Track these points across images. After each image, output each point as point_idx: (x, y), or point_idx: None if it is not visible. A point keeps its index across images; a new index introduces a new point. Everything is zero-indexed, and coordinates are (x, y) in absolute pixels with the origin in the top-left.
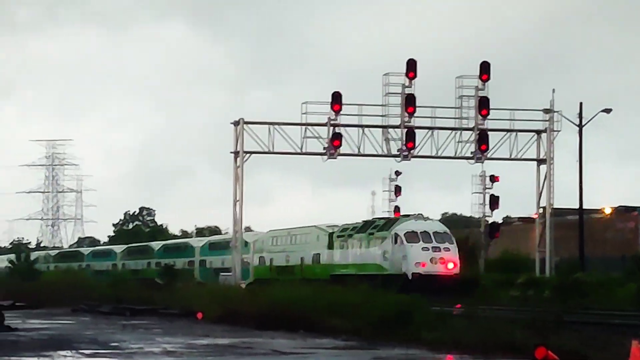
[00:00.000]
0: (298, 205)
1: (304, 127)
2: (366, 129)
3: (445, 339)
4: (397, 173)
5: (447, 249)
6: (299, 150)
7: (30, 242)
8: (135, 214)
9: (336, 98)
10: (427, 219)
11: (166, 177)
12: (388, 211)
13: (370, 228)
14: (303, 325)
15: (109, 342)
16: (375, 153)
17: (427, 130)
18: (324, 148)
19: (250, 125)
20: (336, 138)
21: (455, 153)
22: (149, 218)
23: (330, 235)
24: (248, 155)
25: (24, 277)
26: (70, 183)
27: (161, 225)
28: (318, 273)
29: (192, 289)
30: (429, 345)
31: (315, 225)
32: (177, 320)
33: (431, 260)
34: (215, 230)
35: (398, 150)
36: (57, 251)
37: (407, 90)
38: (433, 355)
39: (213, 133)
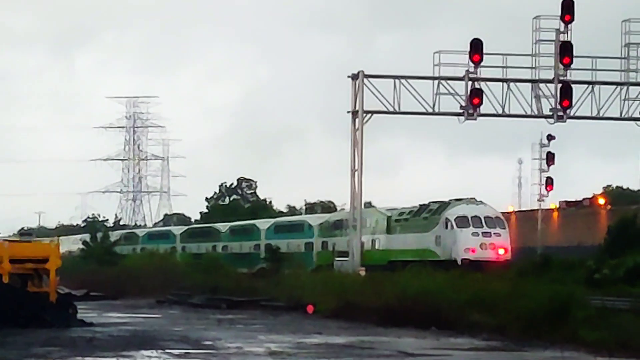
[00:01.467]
0: (429, 176)
1: (436, 81)
2: (512, 84)
3: (608, 340)
4: (550, 137)
5: (498, 234)
6: (430, 110)
7: (107, 220)
8: (233, 186)
9: (476, 46)
10: (479, 203)
11: (270, 141)
12: (539, 183)
13: (424, 212)
14: (435, 321)
15: (202, 340)
16: (522, 113)
17: (586, 86)
18: (461, 107)
19: (372, 79)
20: (476, 95)
21: (621, 113)
22: (249, 191)
23: (389, 219)
24: (369, 115)
25: (100, 261)
26: (155, 149)
27: (264, 200)
28: (376, 259)
29: (301, 277)
30: (589, 346)
31: (375, 208)
32: (283, 315)
33: (481, 245)
34: (328, 206)
35: (551, 110)
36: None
37: (562, 37)
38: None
39: (328, 88)
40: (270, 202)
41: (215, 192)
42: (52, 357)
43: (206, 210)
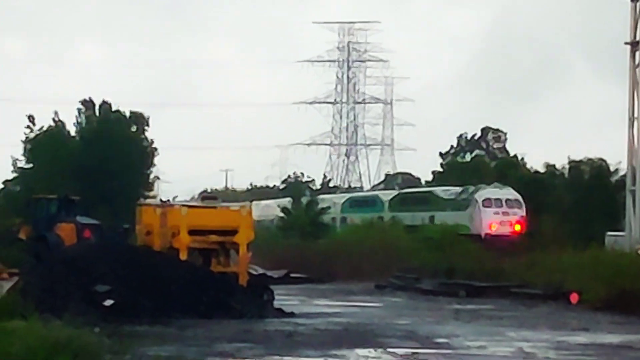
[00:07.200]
0: None
1: None
2: None
3: None
4: None
5: (515, 214)
6: None
7: (312, 181)
8: (476, 138)
9: None
10: (503, 187)
11: (525, 80)
12: None
13: (463, 193)
14: None
15: (434, 337)
16: None
17: None
18: None
19: None
20: None
21: None
22: (496, 145)
23: (443, 198)
24: None
25: (304, 233)
26: (374, 89)
27: (515, 156)
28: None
29: (563, 257)
30: None
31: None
32: (539, 305)
33: (500, 223)
34: (599, 165)
35: None
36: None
37: None
38: None
39: (598, 11)
40: (523, 159)
41: (452, 146)
42: (243, 356)
43: (440, 169)
